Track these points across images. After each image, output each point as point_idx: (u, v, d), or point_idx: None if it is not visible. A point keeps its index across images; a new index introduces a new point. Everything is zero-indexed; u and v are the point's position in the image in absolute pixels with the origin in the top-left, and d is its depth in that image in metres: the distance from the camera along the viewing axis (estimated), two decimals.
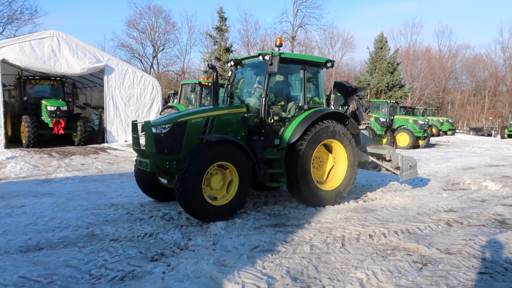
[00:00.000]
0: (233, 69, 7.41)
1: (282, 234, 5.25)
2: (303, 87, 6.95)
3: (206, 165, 5.51)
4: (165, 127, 5.83)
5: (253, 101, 6.99)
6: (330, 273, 4.05)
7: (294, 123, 6.58)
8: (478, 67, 56.08)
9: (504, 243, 5.14)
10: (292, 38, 44.95)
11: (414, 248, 4.87)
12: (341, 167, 7.19)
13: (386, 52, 38.46)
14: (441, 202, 7.50)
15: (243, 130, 6.57)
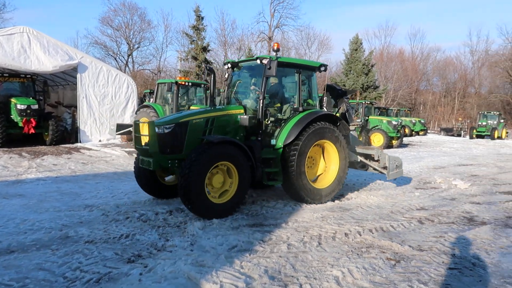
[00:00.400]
0: (229, 71, 7.62)
1: (260, 234, 5.29)
2: (297, 90, 7.25)
3: (208, 165, 5.74)
4: (167, 127, 5.99)
5: (250, 102, 7.24)
6: (307, 271, 4.11)
7: (290, 124, 6.85)
8: (449, 69, 57.90)
9: (472, 239, 5.35)
10: (269, 38, 45.17)
11: (388, 245, 5.00)
12: (333, 166, 7.51)
13: (361, 54, 39.17)
14: (414, 201, 7.72)
15: (241, 130, 6.79)
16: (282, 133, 6.82)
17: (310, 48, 51.37)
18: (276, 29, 46.19)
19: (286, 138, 6.71)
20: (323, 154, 7.57)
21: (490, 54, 50.55)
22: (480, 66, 53.84)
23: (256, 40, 46.20)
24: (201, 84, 14.07)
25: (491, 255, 4.78)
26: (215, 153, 5.82)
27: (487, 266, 4.43)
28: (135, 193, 7.54)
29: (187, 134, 6.08)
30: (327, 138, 7.22)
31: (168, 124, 6.00)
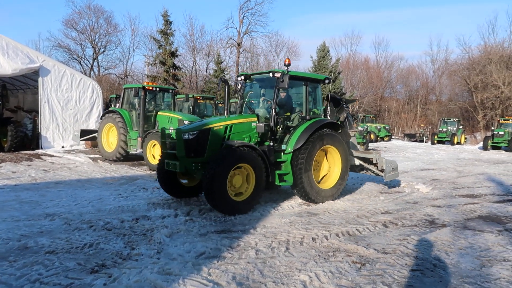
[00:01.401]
0: (242, 83, 8.35)
1: (228, 240, 5.26)
2: (305, 100, 8.02)
3: (230, 166, 6.41)
4: (192, 133, 6.70)
5: (261, 111, 7.91)
6: (274, 276, 4.13)
7: (298, 131, 7.52)
8: (411, 77, 59.98)
9: (433, 241, 5.55)
10: (238, 44, 45.31)
11: (354, 249, 5.10)
12: (336, 169, 8.23)
13: (328, 61, 39.96)
14: (379, 205, 7.93)
15: (256, 136, 7.48)
16: (292, 139, 7.47)
17: (279, 55, 51.96)
18: (245, 35, 46.46)
19: (296, 143, 7.37)
20: (326, 157, 8.25)
21: (450, 63, 52.85)
22: (440, 75, 56.17)
23: (225, 46, 46.26)
24: (169, 90, 13.89)
25: (451, 256, 4.97)
26: (236, 156, 6.48)
27: (447, 266, 4.60)
28: (99, 200, 7.33)
29: (209, 140, 6.78)
30: (331, 144, 7.93)
31: (193, 131, 6.71)
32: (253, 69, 47.70)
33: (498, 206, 8.23)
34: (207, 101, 18.13)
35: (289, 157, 7.45)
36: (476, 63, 42.23)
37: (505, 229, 6.35)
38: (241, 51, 45.96)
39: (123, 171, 11.36)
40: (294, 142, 7.39)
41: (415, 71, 60.35)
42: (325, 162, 8.28)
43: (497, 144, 28.23)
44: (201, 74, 45.09)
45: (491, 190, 10.27)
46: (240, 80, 8.36)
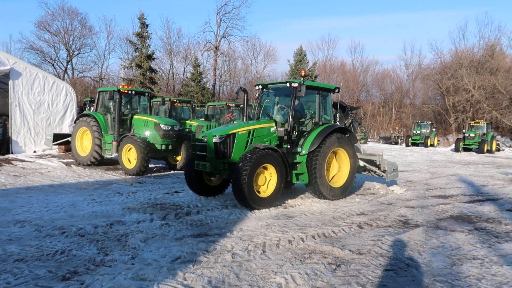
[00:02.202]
0: (260, 91, 9.07)
1: (204, 244, 5.23)
2: (318, 108, 8.81)
3: (256, 166, 7.18)
4: (221, 137, 7.52)
5: (278, 117, 8.75)
6: (250, 280, 4.12)
7: (312, 135, 8.28)
8: (386, 81, 61.25)
9: (407, 241, 5.67)
10: (215, 48, 45.23)
11: (329, 250, 5.15)
12: (345, 169, 9.00)
13: (305, 65, 40.40)
14: (354, 206, 8.04)
15: (275, 139, 8.22)
16: (306, 142, 8.24)
17: (256, 59, 52.15)
18: (222, 39, 46.43)
19: (310, 146, 8.14)
20: (336, 159, 9.05)
21: (423, 67, 54.23)
22: (414, 79, 57.57)
23: (202, 49, 46.09)
24: (145, 93, 13.70)
25: (423, 255, 5.09)
26: (261, 157, 7.26)
27: (420, 266, 4.70)
28: (72, 206, 7.16)
29: (235, 143, 7.60)
30: (341, 146, 8.72)
31: (221, 135, 7.53)
32: (231, 72, 47.76)
33: (469, 206, 8.48)
34: (184, 104, 17.99)
35: (304, 158, 8.24)
36: (448, 68, 43.52)
37: (475, 228, 6.54)
38: (218, 54, 45.90)
39: (98, 176, 11.13)
40: (309, 145, 8.17)
41: (390, 75, 61.71)
42: (335, 163, 9.08)
43: (468, 146, 29.13)
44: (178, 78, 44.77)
45: (462, 190, 10.57)
46: (258, 88, 9.08)
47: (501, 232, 6.33)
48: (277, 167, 7.55)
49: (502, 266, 4.73)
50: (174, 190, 9.17)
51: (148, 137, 12.21)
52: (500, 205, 8.59)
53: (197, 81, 37.18)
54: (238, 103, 21.90)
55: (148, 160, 11.47)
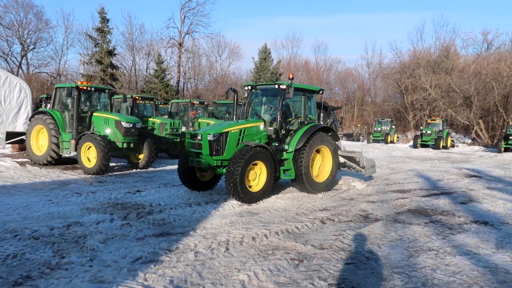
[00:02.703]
0: (249, 92, 9.56)
1: (166, 243, 5.13)
2: (303, 108, 9.37)
3: (248, 163, 7.64)
4: (214, 135, 7.93)
5: (267, 117, 9.21)
6: (213, 278, 4.09)
7: (299, 134, 8.81)
8: (349, 79, 62.66)
9: (367, 235, 5.82)
10: (179, 44, 44.55)
11: (292, 246, 5.20)
12: (328, 166, 9.61)
13: (270, 63, 40.60)
14: (317, 202, 8.17)
15: (264, 137, 8.73)
16: (293, 140, 8.76)
17: (221, 56, 51.83)
18: (186, 35, 45.78)
19: (297, 144, 8.66)
20: (319, 155, 9.57)
21: (383, 67, 55.87)
22: (375, 77, 59.24)
23: (166, 45, 45.26)
24: (105, 90, 13.26)
25: (382, 248, 5.24)
26: (253, 155, 7.72)
27: (379, 258, 4.84)
28: (26, 207, 6.83)
29: (227, 141, 8.05)
30: (324, 144, 9.32)
31: (215, 133, 7.95)
32: (195, 69, 47.24)
33: (425, 200, 8.83)
34: (147, 101, 17.59)
35: (291, 155, 8.79)
36: (406, 67, 45.06)
37: (431, 221, 6.82)
38: (182, 51, 45.23)
39: (55, 176, 10.68)
40: (295, 143, 8.69)
41: (352, 73, 63.14)
42: (318, 160, 9.62)
43: (425, 143, 30.35)
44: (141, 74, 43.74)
45: (419, 185, 11.00)
46: (247, 89, 9.55)
47: (454, 224, 6.63)
48: (267, 163, 8.05)
49: (455, 256, 4.96)
50: (136, 189, 8.96)
51: (108, 135, 11.85)
52: (454, 199, 9.00)
53: (160, 78, 36.50)
54: (203, 100, 21.71)
55: (109, 158, 11.13)
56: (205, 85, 49.38)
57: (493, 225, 6.64)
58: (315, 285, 3.98)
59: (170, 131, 15.67)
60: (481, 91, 36.35)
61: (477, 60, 39.42)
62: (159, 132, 15.66)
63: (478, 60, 39.17)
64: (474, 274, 4.40)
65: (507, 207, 8.11)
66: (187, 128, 18.17)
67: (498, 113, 36.41)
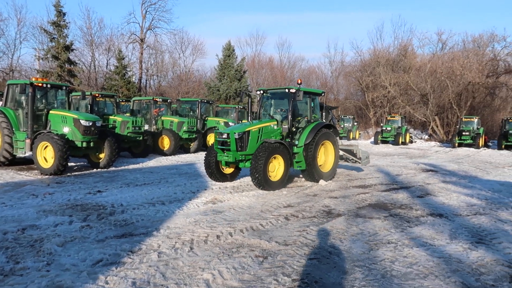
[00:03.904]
0: (260, 95, 10.93)
1: (129, 244, 5.02)
2: (309, 109, 10.81)
3: (269, 156, 9.05)
4: (239, 134, 9.28)
5: (278, 117, 10.59)
6: (177, 278, 4.04)
7: (306, 131, 10.15)
8: (312, 77, 63.56)
9: (330, 230, 5.95)
10: (141, 40, 43.50)
11: (257, 243, 5.24)
12: (330, 158, 11.04)
13: (234, 60, 40.46)
14: (281, 199, 8.26)
15: (278, 135, 10.19)
16: (302, 136, 10.09)
17: (185, 52, 51.05)
18: (148, 31, 44.75)
19: (306, 139, 10.01)
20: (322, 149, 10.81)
21: (345, 65, 57.04)
22: (337, 75, 60.42)
23: (127, 41, 44.03)
24: (62, 86, 12.72)
25: (344, 242, 5.38)
26: (273, 150, 9.15)
27: (341, 253, 4.96)
28: None
29: (249, 139, 9.38)
30: (328, 139, 10.73)
31: (239, 132, 9.27)
32: (158, 66, 46.33)
33: (385, 194, 9.14)
34: (107, 99, 17.05)
35: (301, 149, 10.06)
36: (367, 65, 46.32)
37: (390, 215, 7.07)
38: (144, 47, 44.18)
39: (9, 177, 10.17)
40: (304, 139, 10.01)
41: (315, 71, 64.11)
42: (322, 153, 10.88)
43: (385, 139, 31.36)
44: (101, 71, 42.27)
45: (379, 180, 11.36)
46: (259, 93, 10.95)
47: (412, 217, 6.91)
48: (284, 157, 9.45)
49: (413, 248, 5.17)
50: (97, 190, 8.69)
51: (66, 134, 11.42)
52: (412, 192, 9.38)
53: (121, 75, 35.51)
54: (166, 97, 21.36)
55: (67, 158, 10.72)
56: (168, 82, 48.51)
57: (448, 217, 6.97)
58: (279, 281, 4.02)
59: (133, 130, 15.29)
60: (436, 89, 38.02)
61: (433, 59, 41.13)
62: (120, 131, 15.25)
63: (433, 59, 40.88)
64: (430, 265, 4.60)
65: (460, 200, 8.54)
66: (149, 126, 17.84)
67: (452, 110, 38.22)
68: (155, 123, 18.09)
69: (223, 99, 38.23)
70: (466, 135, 28.14)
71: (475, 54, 37.94)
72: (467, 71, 34.99)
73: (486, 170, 14.41)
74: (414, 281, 4.14)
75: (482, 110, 39.07)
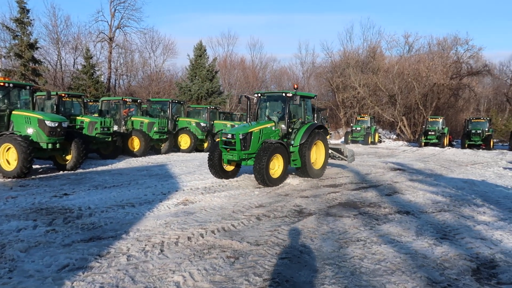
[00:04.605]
0: (258, 98, 11.75)
1: (97, 248, 4.90)
2: (303, 111, 11.71)
3: (270, 155, 9.79)
4: (243, 134, 10.04)
5: (276, 119, 11.26)
6: (147, 281, 3.98)
7: (301, 131, 11.02)
8: (283, 78, 64.05)
9: (301, 229, 6.01)
10: (110, 39, 42.53)
11: (228, 244, 5.22)
12: (321, 156, 11.87)
13: (205, 60, 40.15)
14: (253, 199, 8.27)
15: (277, 135, 10.94)
16: (297, 137, 10.98)
17: (155, 52, 50.27)
18: (117, 30, 43.81)
19: (301, 139, 10.88)
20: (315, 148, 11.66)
21: (316, 66, 57.83)
22: (308, 76, 61.16)
23: (95, 40, 42.93)
24: (26, 86, 12.23)
25: (315, 241, 5.45)
26: (273, 149, 9.90)
27: (312, 251, 5.02)
28: None
29: (251, 139, 10.15)
30: (320, 139, 11.57)
31: (243, 133, 10.05)
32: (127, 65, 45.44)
33: (355, 193, 9.32)
34: (75, 99, 16.55)
35: (296, 149, 10.90)
36: (337, 67, 47.10)
37: (360, 213, 7.21)
38: (113, 46, 43.22)
39: None
40: (299, 139, 10.88)
41: (287, 72, 64.64)
42: (314, 151, 11.64)
43: (355, 138, 32.02)
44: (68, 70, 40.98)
45: (349, 179, 11.58)
46: (256, 96, 11.79)
47: (380, 215, 7.08)
48: (283, 155, 10.26)
49: (381, 245, 5.29)
50: (63, 193, 8.42)
51: (31, 135, 11.01)
52: (381, 191, 9.61)
53: (89, 74, 34.56)
54: (136, 98, 20.97)
55: (31, 160, 10.33)
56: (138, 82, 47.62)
57: (414, 214, 7.19)
58: (250, 281, 4.03)
59: (101, 130, 14.92)
60: (404, 90, 39.16)
61: (400, 61, 42.33)
62: (88, 132, 14.85)
63: (400, 61, 42.07)
64: (397, 261, 4.73)
65: (426, 197, 8.83)
66: (119, 127, 17.46)
67: (418, 111, 39.46)
68: (124, 123, 17.72)
69: (194, 99, 37.88)
70: (431, 134, 29.12)
71: (440, 56, 39.34)
72: (433, 73, 36.24)
73: (451, 168, 14.95)
74: (382, 277, 4.24)
75: (447, 110, 40.54)
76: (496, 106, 51.66)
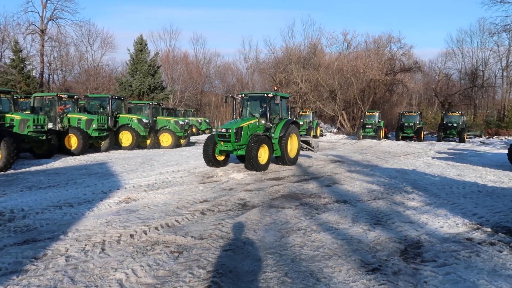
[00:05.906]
0: (242, 98, 13.72)
1: (32, 251, 4.68)
2: (280, 109, 13.67)
3: (259, 145, 11.71)
4: (236, 128, 11.86)
5: (257, 115, 13.30)
6: (87, 281, 3.90)
7: (279, 126, 12.96)
8: (228, 73, 64.15)
9: (244, 222, 6.16)
10: (41, 31, 39.95)
11: (172, 239, 5.23)
12: (294, 146, 13.74)
13: (147, 55, 39.04)
14: (198, 195, 8.29)
15: (261, 130, 12.88)
16: (276, 131, 12.86)
17: (92, 46, 48.06)
18: (50, 21, 41.26)
19: (280, 132, 12.78)
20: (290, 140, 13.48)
21: (259, 61, 58.61)
22: (252, 72, 61.74)
23: (24, 32, 40.11)
24: None
25: (258, 232, 5.61)
26: (260, 140, 11.80)
27: (254, 242, 5.18)
28: None
29: (242, 132, 12.01)
30: (294, 132, 13.52)
31: (236, 127, 11.88)
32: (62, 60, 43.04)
33: (297, 185, 9.66)
34: (3, 95, 15.40)
35: (276, 141, 12.76)
36: (280, 62, 48.01)
37: (301, 204, 7.51)
38: (46, 39, 40.68)
39: None
40: (278, 132, 12.79)
41: (231, 67, 64.76)
42: (289, 143, 13.34)
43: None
44: None
45: (292, 172, 11.95)
46: (240, 96, 13.74)
47: (320, 205, 7.42)
48: (268, 145, 12.28)
49: (320, 233, 5.58)
50: None
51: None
52: (321, 182, 10.04)
53: (19, 69, 32.30)
54: (72, 93, 19.97)
55: None
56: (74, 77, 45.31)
57: (351, 203, 7.63)
58: (194, 274, 4.09)
59: (34, 128, 14.05)
60: (343, 86, 40.85)
61: (339, 57, 44.06)
62: (19, 130, 13.91)
63: (340, 58, 43.80)
64: (334, 247, 5.03)
65: (362, 187, 9.37)
66: (54, 125, 16.56)
67: (357, 105, 41.38)
68: (60, 121, 16.83)
69: (136, 95, 36.74)
70: (369, 127, 30.72)
71: (376, 53, 41.49)
72: (369, 69, 38.12)
73: (385, 159, 15.93)
74: (320, 262, 4.50)
75: (382, 105, 42.95)
76: (426, 101, 55.62)
